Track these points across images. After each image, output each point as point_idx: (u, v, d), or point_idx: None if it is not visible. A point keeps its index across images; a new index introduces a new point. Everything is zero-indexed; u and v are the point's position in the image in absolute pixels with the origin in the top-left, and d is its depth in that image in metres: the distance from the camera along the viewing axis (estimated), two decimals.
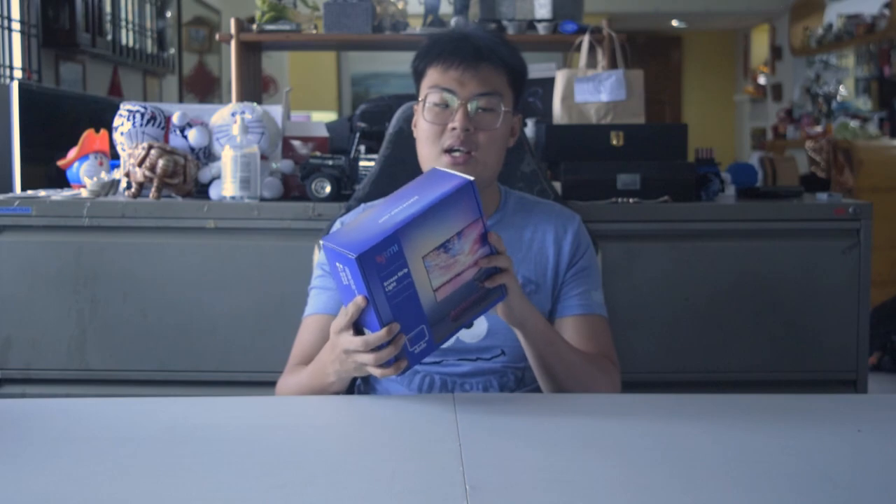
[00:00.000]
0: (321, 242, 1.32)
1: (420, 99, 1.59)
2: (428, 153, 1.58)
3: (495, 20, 3.45)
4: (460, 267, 1.29)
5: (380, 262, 1.22)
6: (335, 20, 3.34)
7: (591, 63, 2.99)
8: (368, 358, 1.28)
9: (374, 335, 1.26)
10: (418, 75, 1.61)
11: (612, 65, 2.96)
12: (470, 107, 1.55)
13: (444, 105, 1.56)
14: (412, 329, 1.27)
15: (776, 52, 9.39)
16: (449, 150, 1.55)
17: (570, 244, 1.64)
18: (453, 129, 1.55)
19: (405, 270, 1.24)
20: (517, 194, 1.70)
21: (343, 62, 9.70)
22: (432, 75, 1.57)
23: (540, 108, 3.12)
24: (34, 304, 2.32)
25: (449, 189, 1.26)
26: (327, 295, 1.62)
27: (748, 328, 2.37)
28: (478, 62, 1.55)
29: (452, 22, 3.38)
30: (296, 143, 2.52)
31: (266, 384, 1.67)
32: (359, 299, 1.25)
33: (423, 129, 1.59)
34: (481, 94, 1.55)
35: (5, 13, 4.50)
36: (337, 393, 1.45)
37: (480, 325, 1.59)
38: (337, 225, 1.67)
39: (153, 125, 2.39)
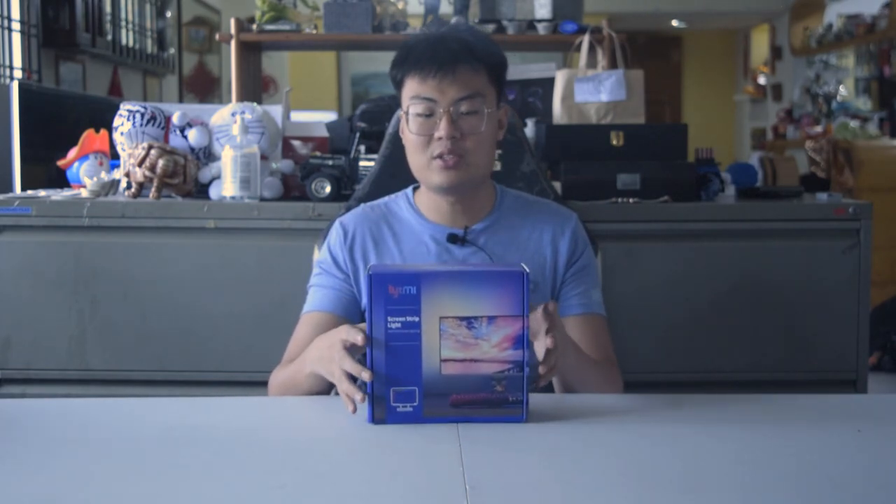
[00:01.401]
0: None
1: (403, 110, 1.58)
2: (417, 162, 1.58)
3: (495, 20, 3.45)
4: (479, 354, 1.23)
5: (392, 294, 1.21)
6: (335, 20, 3.34)
7: (591, 63, 2.99)
8: (343, 380, 1.27)
9: (352, 364, 1.26)
10: (397, 84, 1.59)
11: (612, 65, 2.96)
12: (453, 112, 1.53)
13: (428, 114, 1.54)
14: (403, 385, 1.23)
15: (776, 52, 9.39)
16: (439, 157, 1.55)
17: (567, 243, 1.63)
18: (439, 138, 1.53)
19: (416, 319, 1.22)
20: (513, 193, 1.69)
21: (343, 62, 9.69)
22: (411, 85, 1.55)
23: (540, 108, 3.12)
24: (34, 304, 2.32)
25: (497, 269, 1.26)
26: (323, 293, 1.62)
27: (748, 328, 2.37)
28: (455, 66, 1.52)
29: (453, 21, 3.38)
30: (296, 143, 2.52)
31: (266, 384, 1.67)
32: (363, 330, 1.25)
33: (410, 139, 1.58)
34: (463, 99, 1.53)
35: (5, 13, 4.50)
36: (310, 392, 1.44)
37: None
38: (336, 226, 1.67)
39: (153, 125, 2.39)
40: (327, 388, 1.46)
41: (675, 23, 10.34)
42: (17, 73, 4.58)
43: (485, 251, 1.60)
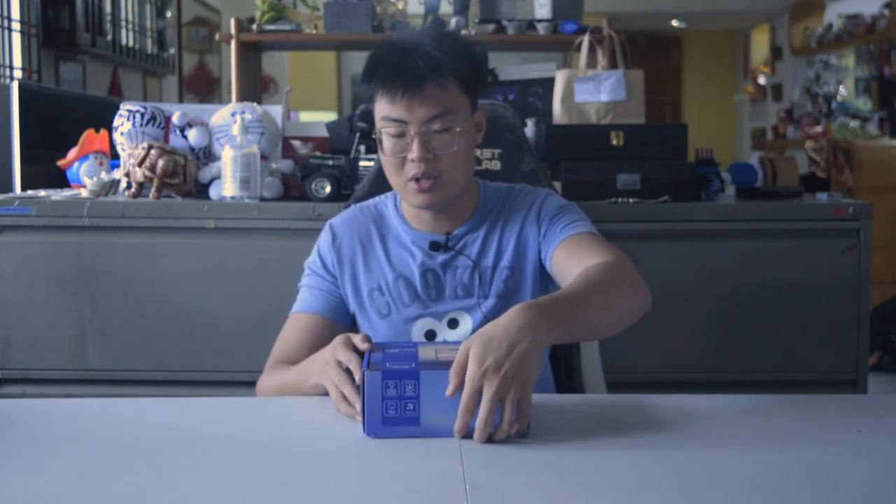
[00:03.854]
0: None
1: (375, 130, 1.54)
2: (394, 182, 1.56)
3: (495, 20, 3.45)
4: None
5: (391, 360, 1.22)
6: (335, 20, 3.34)
7: (591, 63, 2.99)
8: (340, 402, 1.28)
9: (349, 388, 1.25)
10: (368, 98, 1.56)
11: (612, 65, 2.96)
12: (424, 133, 1.49)
13: (399, 135, 1.51)
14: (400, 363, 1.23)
15: (776, 52, 9.40)
16: (414, 179, 1.52)
17: (535, 214, 1.61)
18: (412, 160, 1.50)
19: (413, 350, 1.26)
20: (493, 188, 1.67)
21: (343, 62, 9.70)
22: (381, 105, 1.52)
23: (540, 108, 3.13)
24: (34, 304, 2.32)
25: None
26: (311, 294, 1.62)
27: (748, 328, 2.37)
28: (421, 84, 1.47)
29: (452, 22, 3.39)
30: (296, 143, 2.52)
31: None
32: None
33: (384, 160, 1.55)
34: (433, 118, 1.49)
35: (5, 13, 4.50)
36: (317, 394, 1.44)
37: (465, 325, 1.58)
38: (326, 227, 1.66)
39: (153, 125, 2.39)
40: None
41: (675, 23, 10.34)
42: (17, 73, 4.58)
43: (464, 254, 1.60)
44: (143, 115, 2.39)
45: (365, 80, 1.54)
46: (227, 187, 2.27)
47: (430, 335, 1.59)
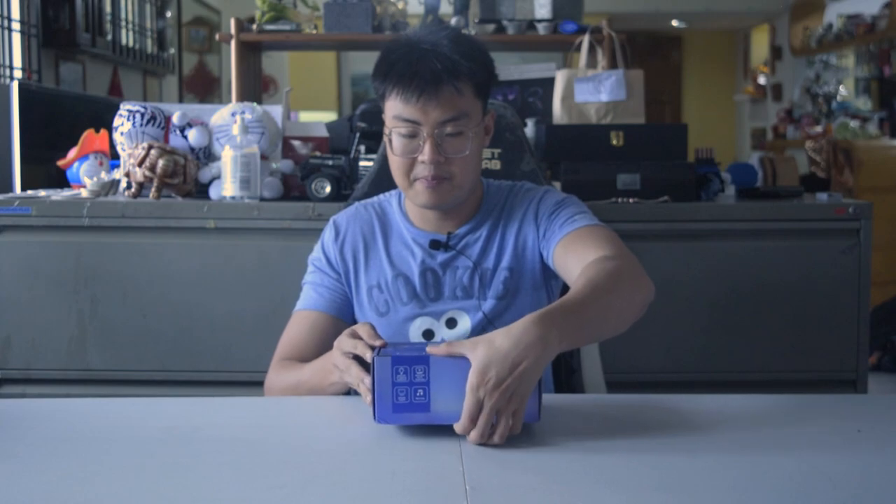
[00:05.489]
0: None
1: (386, 128, 1.54)
2: (401, 182, 1.55)
3: (495, 20, 3.45)
4: None
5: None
6: (335, 20, 3.34)
7: (591, 63, 2.99)
8: (353, 373, 1.28)
9: (358, 372, 1.26)
10: (380, 96, 1.55)
11: (612, 65, 2.97)
12: (437, 135, 1.49)
13: (411, 135, 1.50)
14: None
15: (776, 52, 9.39)
16: (423, 178, 1.52)
17: (532, 213, 1.61)
18: (423, 161, 1.50)
19: (422, 346, 1.24)
20: (495, 186, 1.67)
21: (343, 62, 9.70)
22: (393, 104, 1.50)
23: (540, 108, 3.13)
24: (34, 304, 2.32)
25: None
26: (317, 292, 1.62)
27: (748, 328, 2.37)
28: (438, 87, 1.46)
29: (452, 22, 3.39)
30: (296, 143, 2.52)
31: None
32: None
33: (393, 160, 1.54)
34: (447, 121, 1.49)
35: (5, 13, 4.50)
36: (336, 393, 1.44)
37: (464, 324, 1.58)
38: (329, 224, 1.67)
39: (153, 125, 2.39)
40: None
41: (675, 23, 10.34)
42: (17, 73, 4.58)
43: (464, 255, 1.60)
44: (143, 115, 2.39)
45: (378, 76, 1.53)
46: (227, 187, 2.27)
47: (428, 334, 1.58)
